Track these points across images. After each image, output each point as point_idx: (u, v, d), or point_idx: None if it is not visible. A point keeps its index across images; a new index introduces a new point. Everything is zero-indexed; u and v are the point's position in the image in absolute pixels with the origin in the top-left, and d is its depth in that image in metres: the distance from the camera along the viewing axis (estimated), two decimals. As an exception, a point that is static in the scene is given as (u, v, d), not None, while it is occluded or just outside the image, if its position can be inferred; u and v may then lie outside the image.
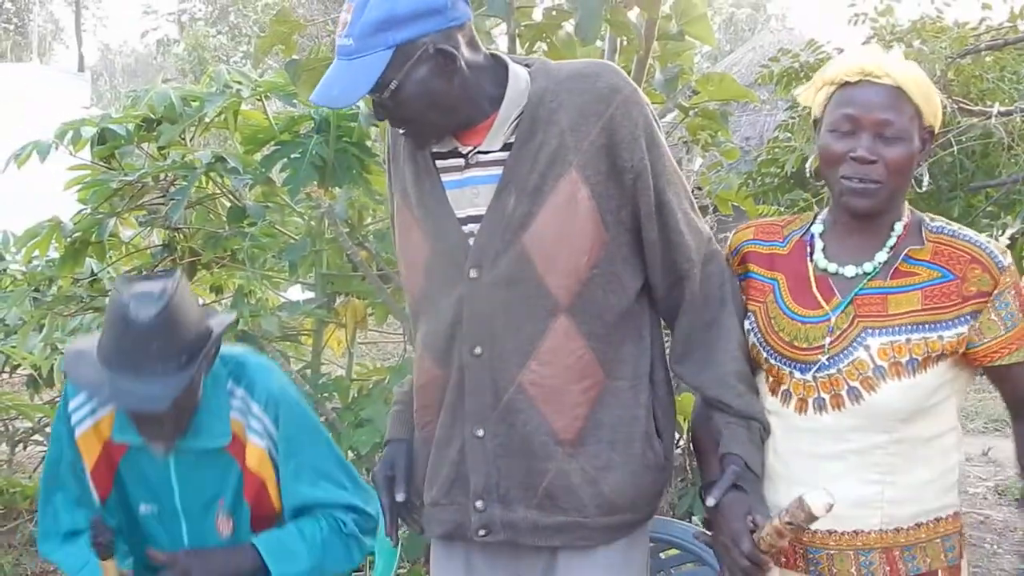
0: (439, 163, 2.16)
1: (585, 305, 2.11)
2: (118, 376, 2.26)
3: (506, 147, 2.12)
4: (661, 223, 2.14)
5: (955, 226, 2.16)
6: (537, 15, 3.61)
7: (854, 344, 2.09)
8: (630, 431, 2.17)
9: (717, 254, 2.24)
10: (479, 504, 2.14)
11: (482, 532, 2.15)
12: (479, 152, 2.12)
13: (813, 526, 2.02)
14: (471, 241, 2.11)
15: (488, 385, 2.11)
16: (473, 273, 2.10)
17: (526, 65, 2.18)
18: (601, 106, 2.09)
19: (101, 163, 4.19)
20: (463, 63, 2.04)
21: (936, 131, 2.13)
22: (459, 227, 2.12)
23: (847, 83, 2.10)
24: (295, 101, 4.20)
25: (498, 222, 2.09)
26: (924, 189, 2.13)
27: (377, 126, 3.99)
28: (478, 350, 2.11)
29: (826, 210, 2.28)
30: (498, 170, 2.11)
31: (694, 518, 3.94)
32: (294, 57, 3.77)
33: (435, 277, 2.16)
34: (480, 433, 2.13)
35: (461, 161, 2.14)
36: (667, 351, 2.28)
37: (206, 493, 2.48)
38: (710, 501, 2.07)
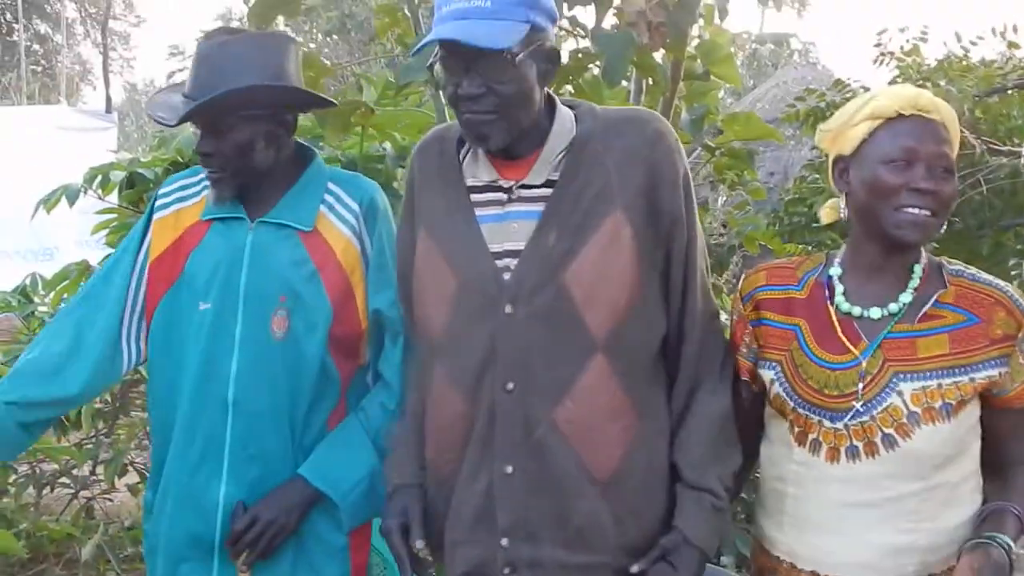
0: (474, 196, 2.17)
1: (621, 345, 2.11)
2: (184, 97, 2.37)
3: (547, 184, 2.13)
4: (685, 273, 2.18)
5: (972, 270, 2.15)
6: (564, 57, 3.61)
7: (887, 390, 2.07)
8: (656, 479, 2.17)
9: (719, 329, 2.28)
10: (505, 542, 2.12)
11: (507, 570, 2.13)
12: (522, 186, 2.14)
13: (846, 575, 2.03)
14: (506, 276, 2.11)
15: (519, 421, 2.10)
16: (509, 308, 2.10)
17: (570, 107, 2.21)
18: (647, 150, 2.13)
19: (129, 207, 4.21)
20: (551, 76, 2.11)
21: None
22: (493, 261, 2.12)
23: (897, 117, 2.09)
24: (322, 144, 4.22)
25: (538, 257, 2.10)
26: (953, 228, 2.10)
27: (404, 167, 4.00)
28: (510, 385, 2.10)
29: (841, 251, 2.26)
30: (539, 206, 2.12)
31: (723, 559, 3.90)
32: (321, 101, 3.78)
33: (463, 312, 2.14)
34: (509, 470, 2.11)
35: (502, 195, 2.15)
36: None
37: (272, 285, 2.41)
38: (633, 568, 2.09)
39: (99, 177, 4.09)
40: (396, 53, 5.53)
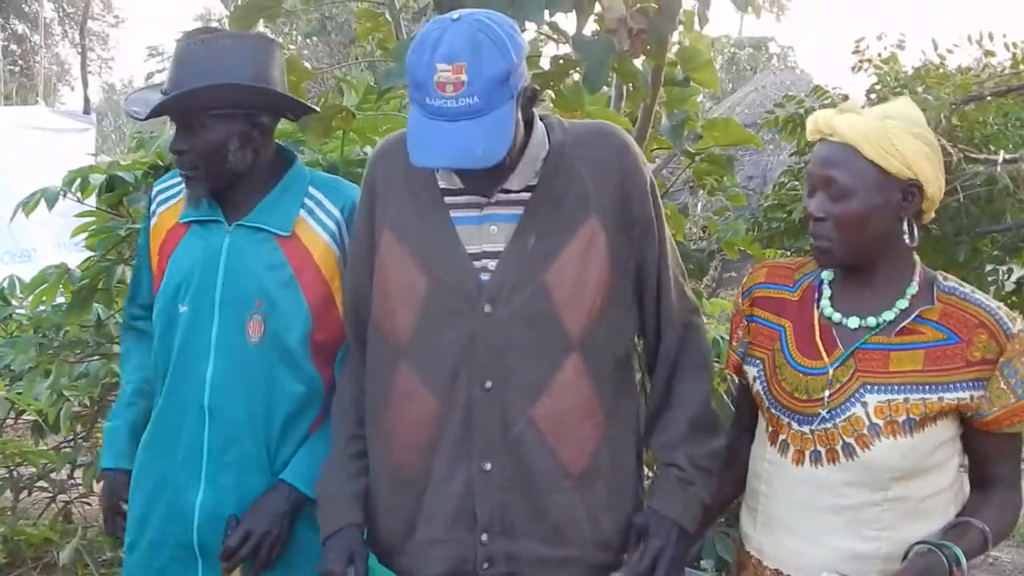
0: (448, 199, 2.19)
1: (594, 345, 2.17)
2: (162, 93, 2.38)
3: (526, 189, 2.17)
4: (659, 277, 2.25)
5: (967, 288, 2.13)
6: (544, 63, 3.62)
7: (852, 400, 2.09)
8: (624, 476, 2.25)
9: (698, 325, 2.34)
10: (484, 538, 2.15)
11: (485, 565, 2.16)
12: (501, 191, 2.16)
13: None
14: (484, 276, 2.14)
15: (497, 419, 2.14)
16: (488, 308, 2.13)
17: (539, 118, 2.24)
18: (617, 161, 2.20)
19: (109, 210, 4.19)
20: None
21: (922, 180, 2.07)
22: (470, 262, 2.15)
23: (818, 142, 2.14)
24: (303, 148, 4.21)
25: (518, 258, 2.14)
26: (915, 243, 2.11)
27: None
28: (488, 384, 2.14)
29: None
30: (518, 209, 2.17)
31: (703, 562, 3.91)
32: (302, 105, 3.77)
33: (436, 312, 2.16)
34: (488, 467, 2.15)
35: (481, 199, 2.17)
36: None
37: (248, 289, 2.41)
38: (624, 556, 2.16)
39: (78, 180, 4.07)
40: (377, 57, 5.52)
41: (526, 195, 2.17)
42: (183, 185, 2.49)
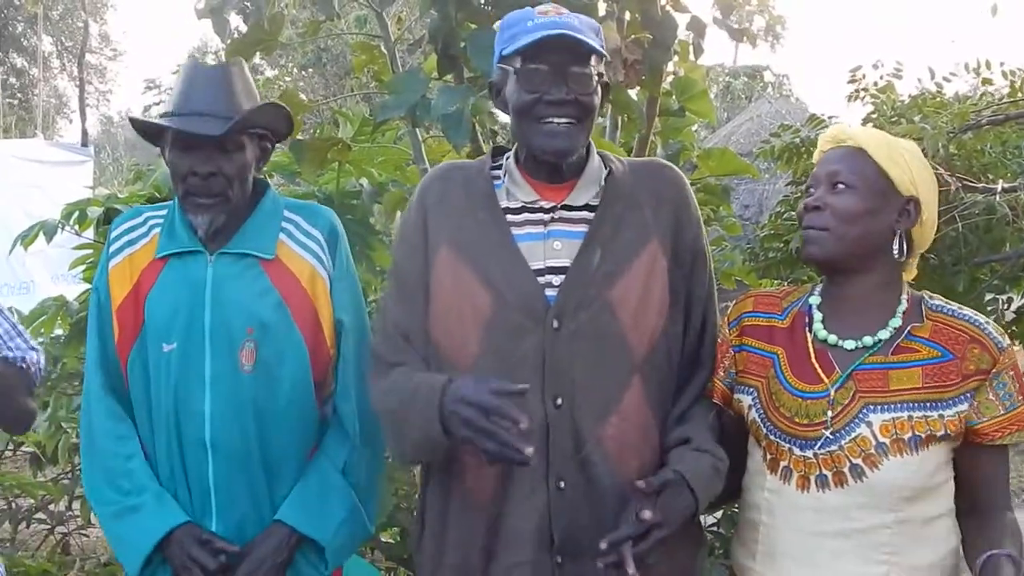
0: (509, 217, 2.22)
1: (652, 369, 2.20)
2: (179, 115, 2.37)
3: (586, 207, 2.21)
4: (706, 306, 2.29)
5: (954, 305, 2.17)
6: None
7: (856, 420, 2.09)
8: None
9: None
10: (559, 559, 2.16)
11: None
12: (564, 207, 2.20)
13: None
14: (548, 292, 2.15)
15: (569, 437, 2.14)
16: (555, 324, 2.14)
17: None
18: (673, 193, 2.27)
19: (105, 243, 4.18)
20: None
21: (921, 201, 2.14)
22: (535, 278, 2.17)
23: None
24: (299, 180, 4.21)
25: (584, 275, 2.16)
26: (902, 258, 2.15)
27: (380, 203, 3.99)
28: (559, 401, 2.14)
29: (822, 284, 2.29)
30: (581, 227, 2.20)
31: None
32: (299, 137, 3.78)
33: (502, 328, 2.16)
34: (562, 485, 2.15)
35: (544, 215, 2.21)
36: None
37: (238, 318, 2.39)
38: (640, 483, 2.06)
39: (76, 213, 4.08)
40: (372, 89, 5.53)
41: (587, 213, 2.21)
42: (148, 225, 2.47)
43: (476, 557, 2.19)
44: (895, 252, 2.13)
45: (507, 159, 2.30)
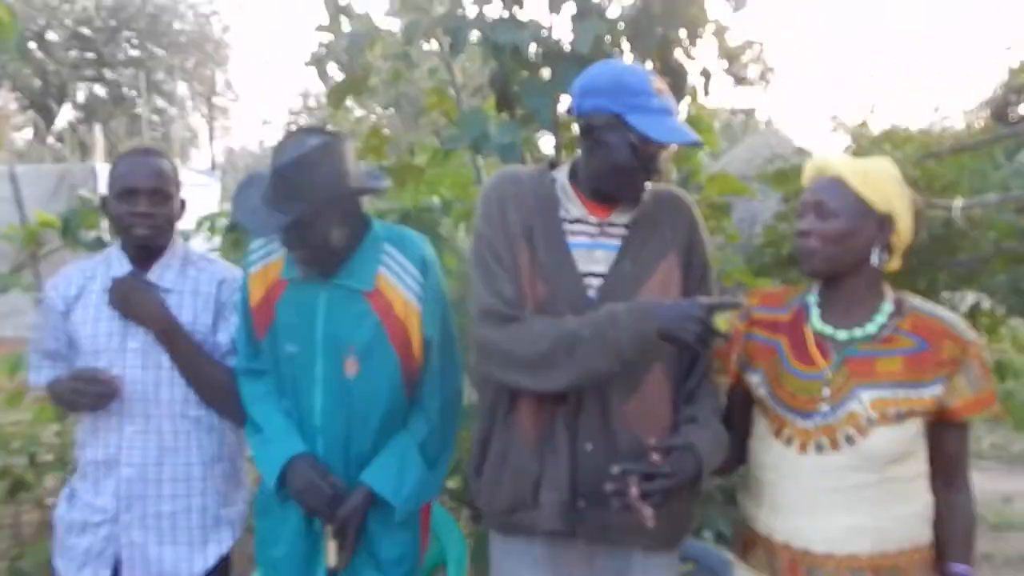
0: (566, 226, 2.21)
1: (668, 355, 2.16)
2: (261, 206, 2.32)
3: (623, 225, 2.21)
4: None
5: (931, 305, 2.16)
6: (576, 128, 3.60)
7: (849, 397, 2.08)
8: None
9: (717, 384, 2.30)
10: (581, 504, 2.16)
11: (581, 530, 2.17)
12: (609, 224, 2.20)
13: (814, 548, 2.09)
14: (590, 292, 2.16)
15: (598, 409, 2.14)
16: None
17: None
18: (688, 215, 2.26)
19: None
20: None
21: (895, 215, 2.09)
22: (580, 279, 2.17)
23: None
24: (384, 198, 4.20)
25: (619, 280, 2.17)
26: (881, 267, 2.12)
27: (448, 216, 3.99)
28: None
29: (817, 286, 2.26)
30: (617, 241, 2.20)
31: (705, 534, 3.82)
32: (383, 163, 3.78)
33: (551, 315, 2.14)
34: (589, 447, 2.15)
35: (593, 229, 2.20)
36: None
37: (343, 335, 2.38)
38: (652, 440, 2.03)
39: (208, 223, 4.13)
40: (441, 125, 5.52)
41: (623, 230, 2.21)
42: (278, 243, 2.45)
43: (527, 490, 2.20)
44: (874, 261, 2.10)
45: (558, 173, 2.27)
